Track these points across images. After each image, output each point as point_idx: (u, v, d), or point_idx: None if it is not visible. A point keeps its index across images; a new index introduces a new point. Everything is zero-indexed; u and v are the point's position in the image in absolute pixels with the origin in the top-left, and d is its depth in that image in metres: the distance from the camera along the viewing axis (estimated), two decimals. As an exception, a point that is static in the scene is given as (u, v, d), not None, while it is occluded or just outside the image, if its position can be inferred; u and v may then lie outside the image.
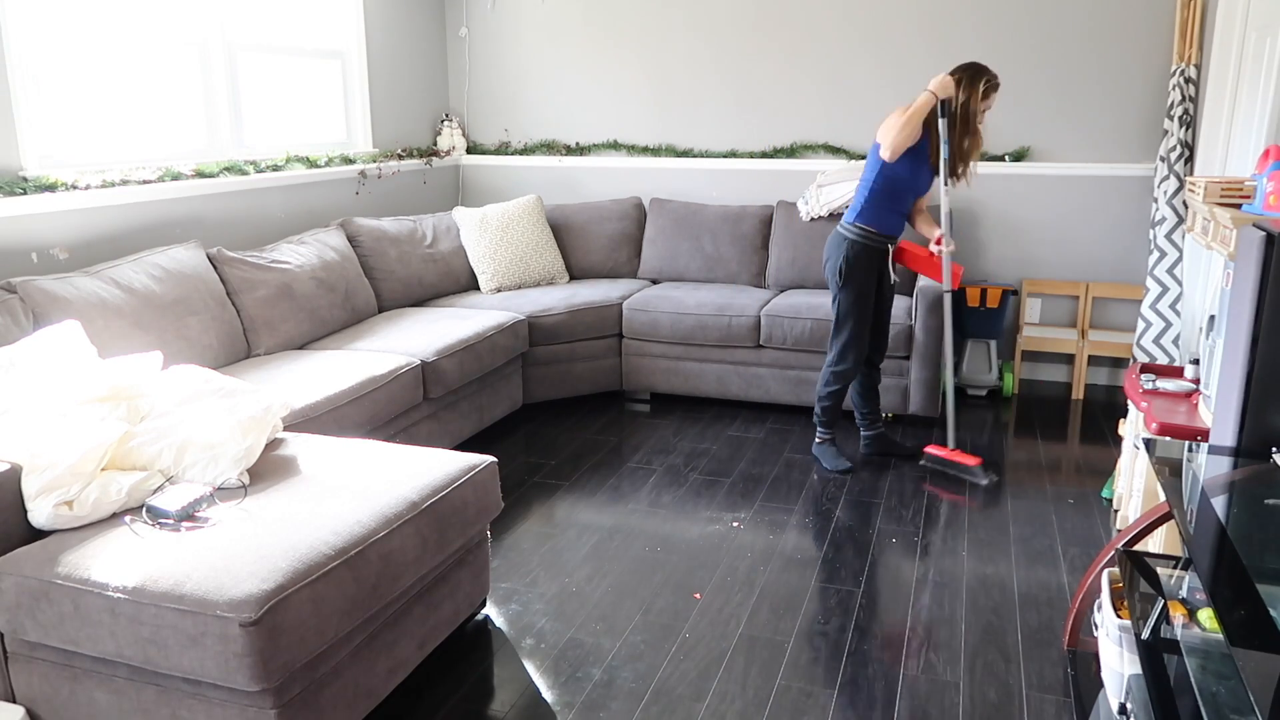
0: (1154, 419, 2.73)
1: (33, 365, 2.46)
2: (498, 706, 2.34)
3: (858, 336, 3.67)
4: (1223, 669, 1.57)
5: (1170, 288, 4.37)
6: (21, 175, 3.24)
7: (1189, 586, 1.88)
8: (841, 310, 3.66)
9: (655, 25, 5.21)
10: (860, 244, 3.59)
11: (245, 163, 4.14)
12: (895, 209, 3.60)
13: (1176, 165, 4.33)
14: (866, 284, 3.63)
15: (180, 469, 2.36)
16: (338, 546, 2.06)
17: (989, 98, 3.52)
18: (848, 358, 3.68)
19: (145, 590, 1.91)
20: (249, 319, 3.63)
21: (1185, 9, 4.32)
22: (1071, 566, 3.01)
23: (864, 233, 3.59)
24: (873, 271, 3.64)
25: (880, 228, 3.59)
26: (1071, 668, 2.48)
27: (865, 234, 3.59)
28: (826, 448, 3.85)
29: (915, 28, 4.81)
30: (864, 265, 3.60)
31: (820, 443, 3.87)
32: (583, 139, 5.48)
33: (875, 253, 3.62)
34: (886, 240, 3.63)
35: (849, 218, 3.63)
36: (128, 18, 3.68)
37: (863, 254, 3.59)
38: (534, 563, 3.05)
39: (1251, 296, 1.98)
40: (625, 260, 5.10)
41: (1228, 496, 1.88)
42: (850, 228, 3.61)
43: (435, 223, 4.82)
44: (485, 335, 3.99)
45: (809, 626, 2.68)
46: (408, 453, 2.57)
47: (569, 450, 4.04)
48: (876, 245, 3.61)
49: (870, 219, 3.58)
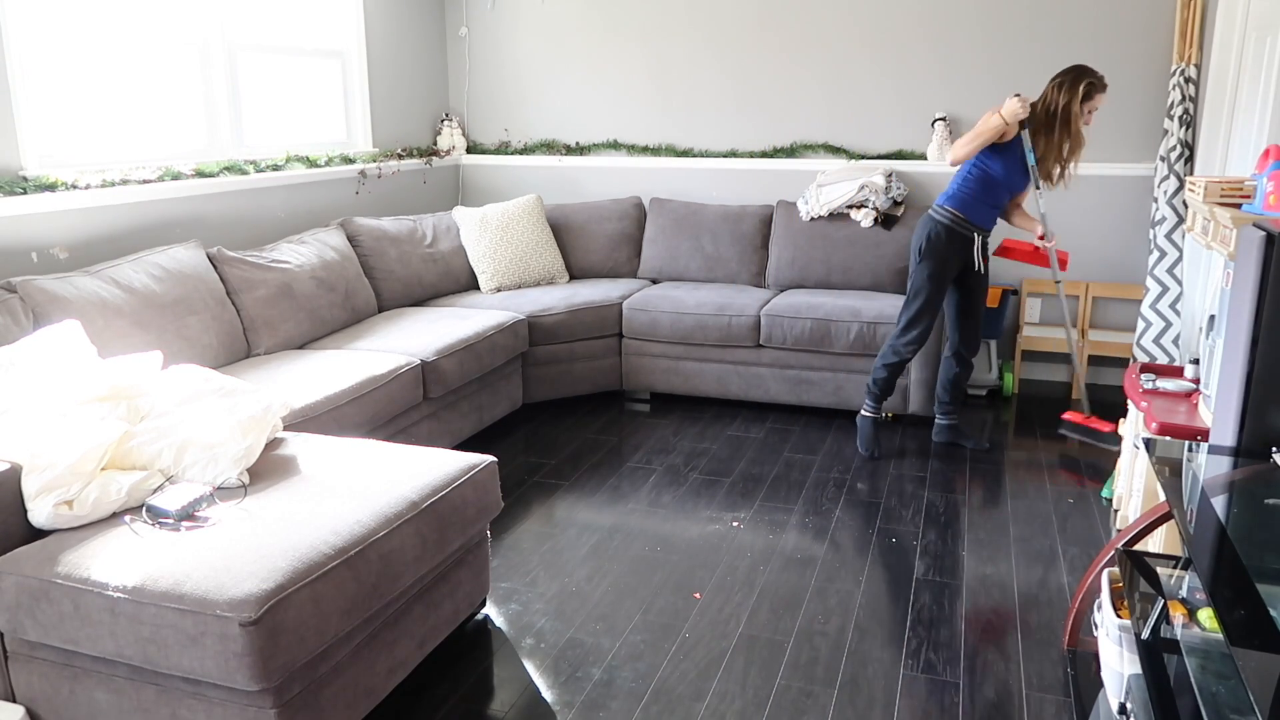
0: (1154, 418, 2.73)
1: (33, 365, 2.45)
2: (497, 706, 2.34)
3: (924, 315, 3.72)
4: (1222, 669, 1.57)
5: (1170, 287, 4.37)
6: (21, 175, 3.24)
7: (1189, 586, 1.88)
8: (914, 286, 3.73)
9: (655, 25, 5.21)
10: (945, 226, 3.67)
11: (245, 162, 4.14)
12: (988, 201, 3.68)
13: (1176, 165, 4.33)
14: (944, 266, 3.69)
15: (180, 469, 2.36)
16: (338, 546, 2.06)
17: (1092, 99, 3.57)
18: (910, 333, 3.75)
19: (145, 590, 1.91)
20: (249, 318, 3.63)
21: (1185, 9, 4.32)
22: (1071, 566, 3.01)
23: (951, 216, 3.67)
24: (954, 256, 3.70)
25: (970, 215, 3.67)
26: (1071, 667, 2.48)
27: (953, 218, 3.67)
28: (867, 423, 3.93)
29: (915, 27, 4.81)
30: (944, 247, 3.67)
31: (864, 415, 3.94)
32: (583, 139, 5.48)
33: (958, 237, 3.68)
34: (975, 230, 3.69)
35: (940, 200, 3.73)
36: (127, 17, 3.68)
37: (944, 235, 3.67)
38: (534, 562, 3.05)
39: (1251, 296, 1.98)
40: (625, 260, 5.10)
41: (1228, 496, 1.88)
42: (938, 210, 3.70)
43: (435, 222, 4.82)
44: (485, 335, 3.99)
45: (809, 626, 2.68)
46: (408, 452, 2.57)
47: (569, 450, 4.04)
48: (962, 231, 3.68)
49: (960, 205, 3.67)
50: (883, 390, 3.89)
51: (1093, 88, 3.57)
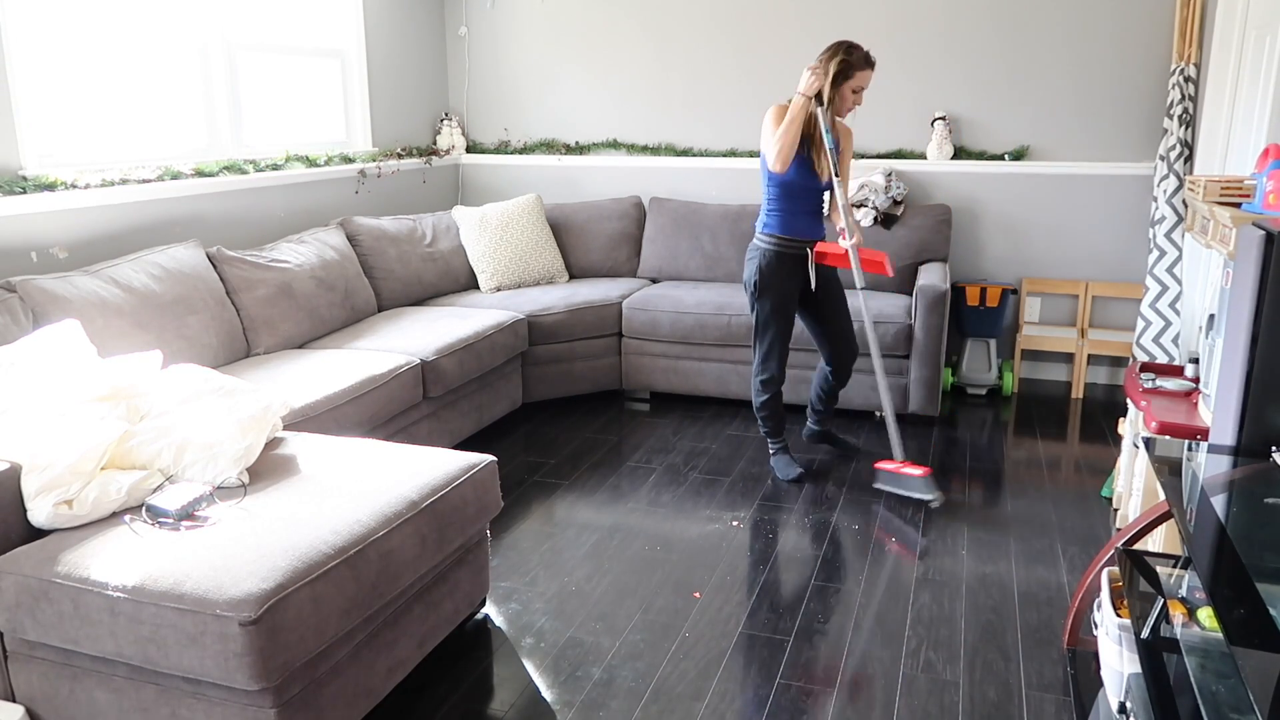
0: (1153, 417, 2.73)
1: (32, 364, 2.45)
2: (497, 705, 2.34)
3: (775, 344, 3.58)
4: (1222, 668, 1.57)
5: (1170, 286, 4.37)
6: (21, 174, 3.24)
7: (1189, 585, 1.88)
8: (759, 321, 3.58)
9: (655, 24, 5.21)
10: (772, 252, 3.50)
11: (245, 162, 4.13)
12: (800, 210, 3.49)
13: (1176, 164, 4.33)
14: (783, 292, 3.53)
15: (180, 468, 2.36)
16: (337, 545, 2.06)
17: (851, 78, 3.34)
18: (768, 367, 3.60)
19: (145, 589, 1.91)
20: (249, 318, 3.62)
21: (1185, 8, 4.31)
22: (1071, 566, 3.01)
23: (774, 240, 3.50)
24: (793, 278, 3.54)
25: (789, 232, 3.49)
26: (1071, 667, 2.48)
27: (776, 241, 3.50)
28: (779, 458, 3.75)
29: (914, 26, 4.80)
30: (778, 273, 3.51)
31: (773, 454, 3.78)
32: (582, 138, 5.48)
33: (789, 259, 3.51)
34: (802, 244, 3.52)
35: (759, 228, 3.56)
36: (127, 17, 3.68)
37: (774, 261, 3.50)
38: (533, 562, 3.05)
39: (1251, 295, 1.97)
40: (625, 259, 5.10)
41: (1227, 496, 1.88)
42: (761, 238, 3.54)
43: (435, 222, 4.82)
44: (485, 334, 3.99)
45: (809, 625, 2.68)
46: (407, 452, 2.57)
47: (568, 449, 4.04)
48: (790, 251, 3.51)
49: (776, 226, 3.50)
50: (774, 427, 3.73)
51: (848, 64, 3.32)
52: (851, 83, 3.36)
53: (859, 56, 3.35)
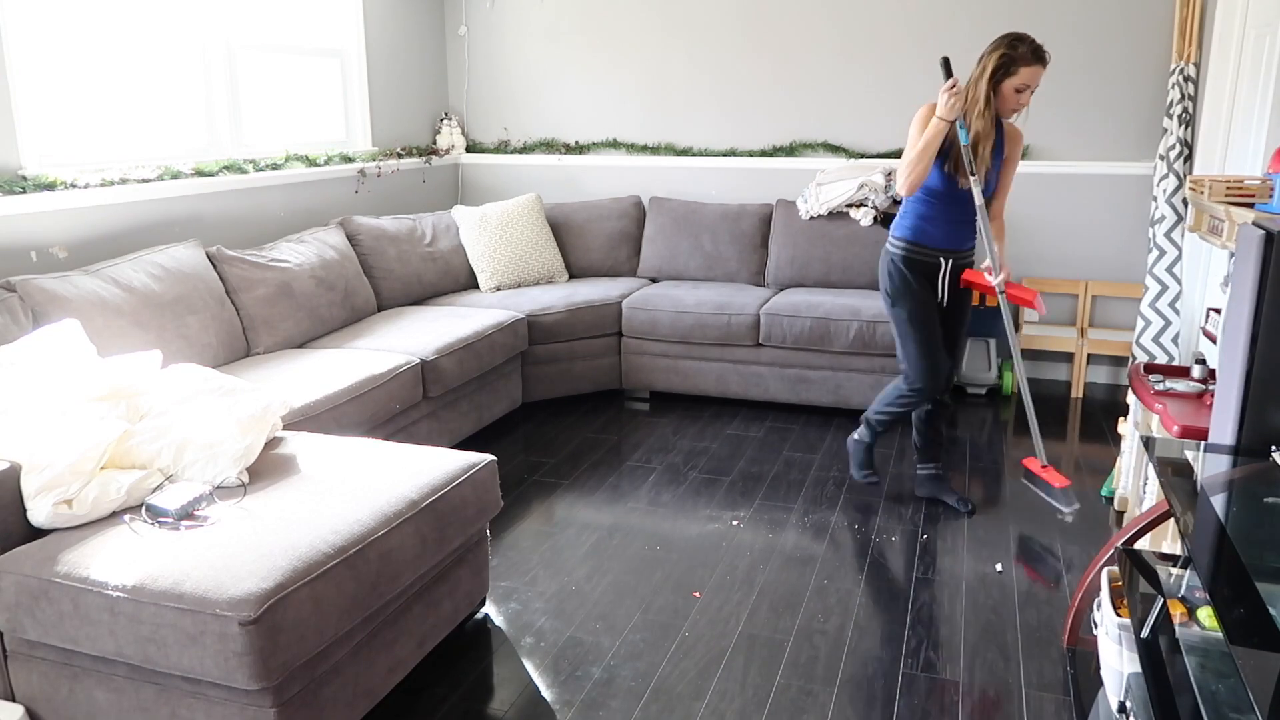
0: (1174, 421, 2.68)
1: (32, 364, 2.45)
2: (497, 705, 2.34)
3: (922, 357, 3.22)
4: (1222, 667, 1.57)
5: (1169, 286, 4.37)
6: (21, 174, 3.24)
7: (1188, 585, 1.88)
8: (896, 332, 3.29)
9: (655, 24, 5.21)
10: (900, 258, 3.23)
11: (245, 161, 4.13)
12: (940, 217, 3.18)
13: (1176, 164, 4.33)
14: (919, 299, 3.22)
15: (179, 468, 2.36)
16: (337, 545, 2.06)
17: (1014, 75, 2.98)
18: (916, 381, 3.25)
19: (145, 589, 1.91)
20: (248, 318, 3.62)
21: (1185, 7, 4.31)
22: (1071, 565, 3.01)
23: (903, 246, 3.24)
24: (926, 287, 3.23)
25: (921, 240, 3.20)
26: (1071, 666, 2.48)
27: (905, 247, 3.23)
28: (861, 449, 3.50)
29: (914, 26, 4.80)
30: (909, 281, 3.21)
31: (858, 440, 3.51)
32: (582, 137, 5.47)
33: (919, 266, 3.21)
34: (936, 253, 3.20)
35: (891, 230, 3.32)
36: (127, 17, 3.68)
37: (902, 268, 3.22)
38: (533, 561, 3.05)
39: (1251, 295, 1.97)
40: (625, 259, 5.09)
41: (1227, 495, 1.88)
42: (891, 242, 3.28)
43: (434, 221, 4.82)
44: (484, 334, 3.99)
45: (809, 625, 2.68)
46: (407, 451, 2.57)
47: (568, 449, 4.04)
48: (920, 258, 3.21)
49: (907, 231, 3.23)
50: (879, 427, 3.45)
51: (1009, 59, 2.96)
52: (1014, 80, 2.98)
53: (1024, 51, 2.96)
